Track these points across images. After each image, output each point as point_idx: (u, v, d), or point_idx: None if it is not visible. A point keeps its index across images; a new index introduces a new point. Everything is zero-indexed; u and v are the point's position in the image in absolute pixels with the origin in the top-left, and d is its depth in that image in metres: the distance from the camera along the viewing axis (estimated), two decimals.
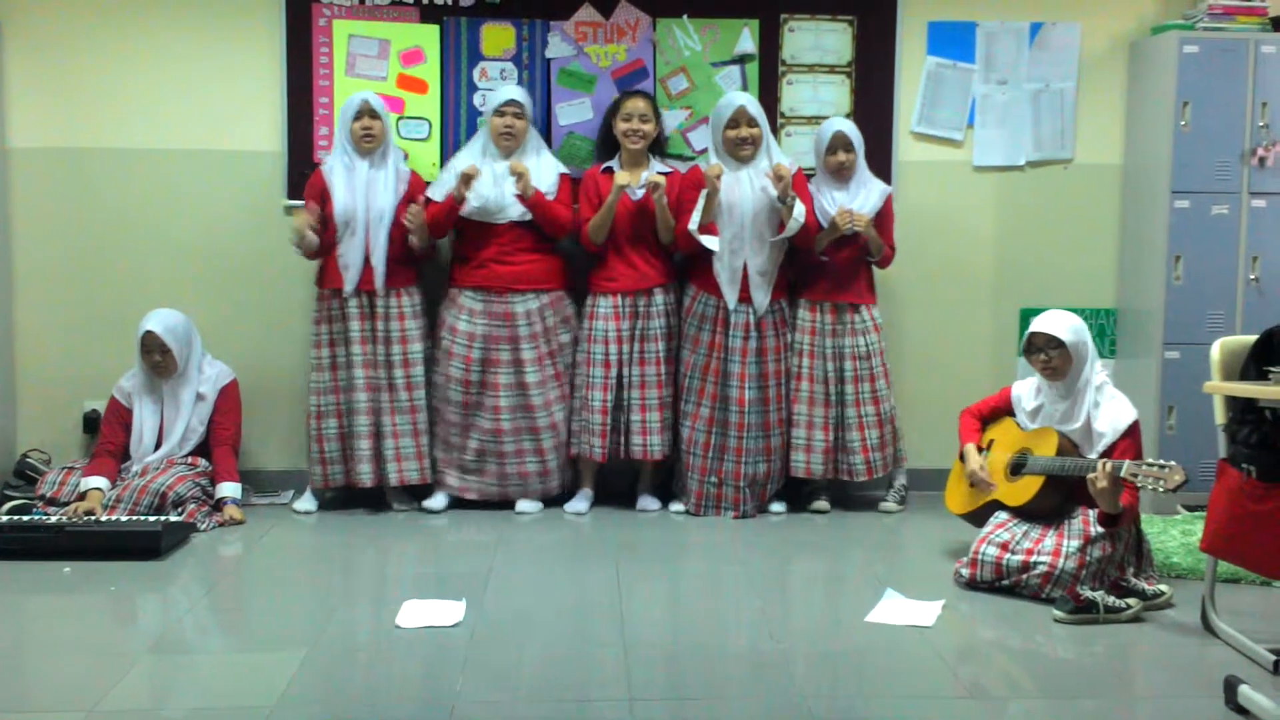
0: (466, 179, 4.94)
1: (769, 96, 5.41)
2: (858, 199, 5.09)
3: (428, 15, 5.32)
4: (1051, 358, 4.20)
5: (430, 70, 5.34)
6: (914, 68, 5.49)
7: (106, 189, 5.35)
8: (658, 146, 5.22)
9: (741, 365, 5.06)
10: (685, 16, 5.38)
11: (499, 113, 5.05)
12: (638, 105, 5.10)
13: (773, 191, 4.95)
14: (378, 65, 5.33)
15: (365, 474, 5.07)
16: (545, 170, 5.10)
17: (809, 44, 5.43)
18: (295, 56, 5.29)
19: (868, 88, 5.45)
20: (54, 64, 5.30)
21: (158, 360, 4.97)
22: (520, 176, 4.96)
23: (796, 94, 5.44)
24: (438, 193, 5.08)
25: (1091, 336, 4.28)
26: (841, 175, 5.10)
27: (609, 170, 5.13)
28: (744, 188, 4.99)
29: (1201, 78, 5.17)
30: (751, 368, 5.07)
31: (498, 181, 5.02)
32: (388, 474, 5.08)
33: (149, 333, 4.93)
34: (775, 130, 5.41)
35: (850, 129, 5.12)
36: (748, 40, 5.40)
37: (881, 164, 5.41)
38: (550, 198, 5.05)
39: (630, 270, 5.12)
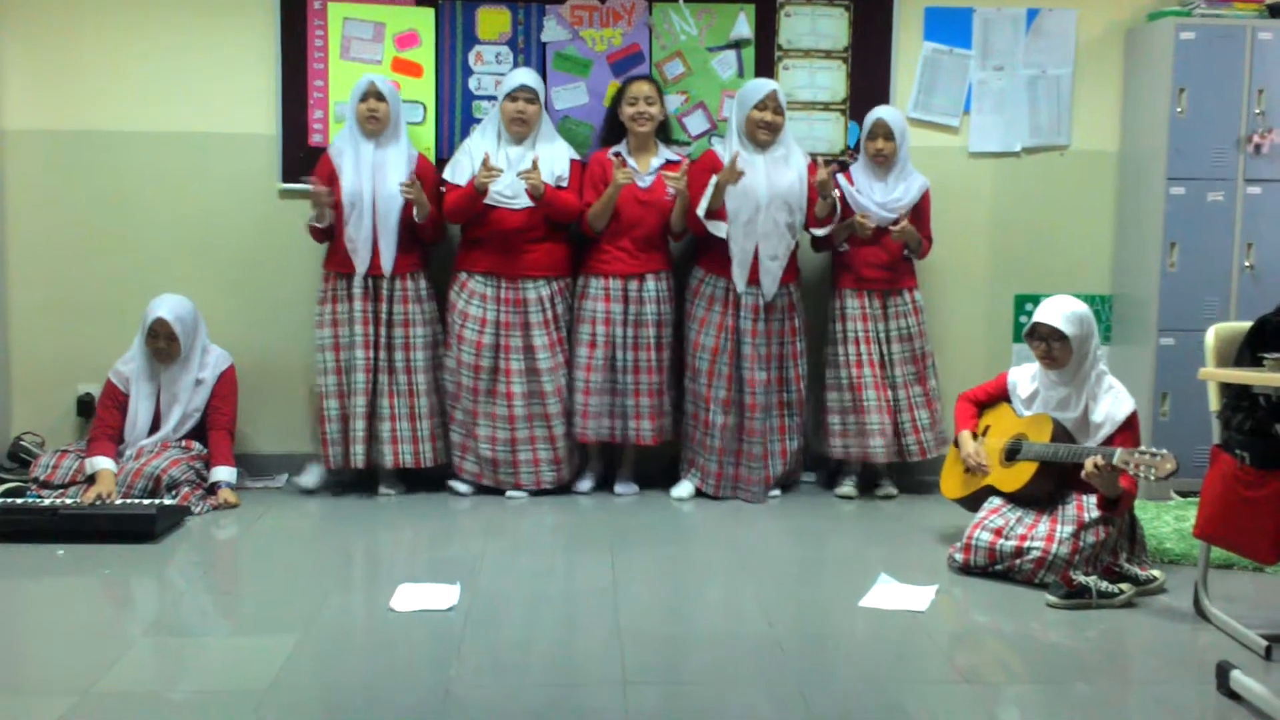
0: (487, 176, 4.87)
1: None
2: (895, 192, 5.11)
3: None
4: (1053, 348, 4.19)
5: (425, 54, 5.32)
6: (910, 53, 5.48)
7: (101, 171, 5.33)
8: (663, 132, 5.22)
9: (752, 347, 5.08)
10: (681, 1, 5.37)
11: (511, 98, 5.03)
12: (643, 89, 5.09)
13: (814, 178, 4.99)
14: (373, 48, 5.31)
15: (359, 455, 5.07)
16: (558, 157, 5.09)
17: (805, 29, 5.42)
18: (290, 39, 5.28)
19: (864, 73, 5.45)
20: (49, 46, 5.28)
21: (162, 347, 4.95)
22: (535, 185, 4.92)
23: (792, 79, 5.42)
24: (454, 176, 5.04)
25: (1098, 326, 4.25)
26: (880, 163, 5.11)
27: (617, 155, 5.12)
28: (760, 174, 4.99)
29: (1198, 64, 5.16)
30: (761, 349, 5.09)
31: (511, 167, 5.00)
32: (383, 456, 5.08)
33: (159, 319, 4.91)
34: None
35: (893, 118, 5.12)
36: (744, 25, 5.39)
37: None
38: (564, 184, 5.04)
39: (624, 254, 5.10)
